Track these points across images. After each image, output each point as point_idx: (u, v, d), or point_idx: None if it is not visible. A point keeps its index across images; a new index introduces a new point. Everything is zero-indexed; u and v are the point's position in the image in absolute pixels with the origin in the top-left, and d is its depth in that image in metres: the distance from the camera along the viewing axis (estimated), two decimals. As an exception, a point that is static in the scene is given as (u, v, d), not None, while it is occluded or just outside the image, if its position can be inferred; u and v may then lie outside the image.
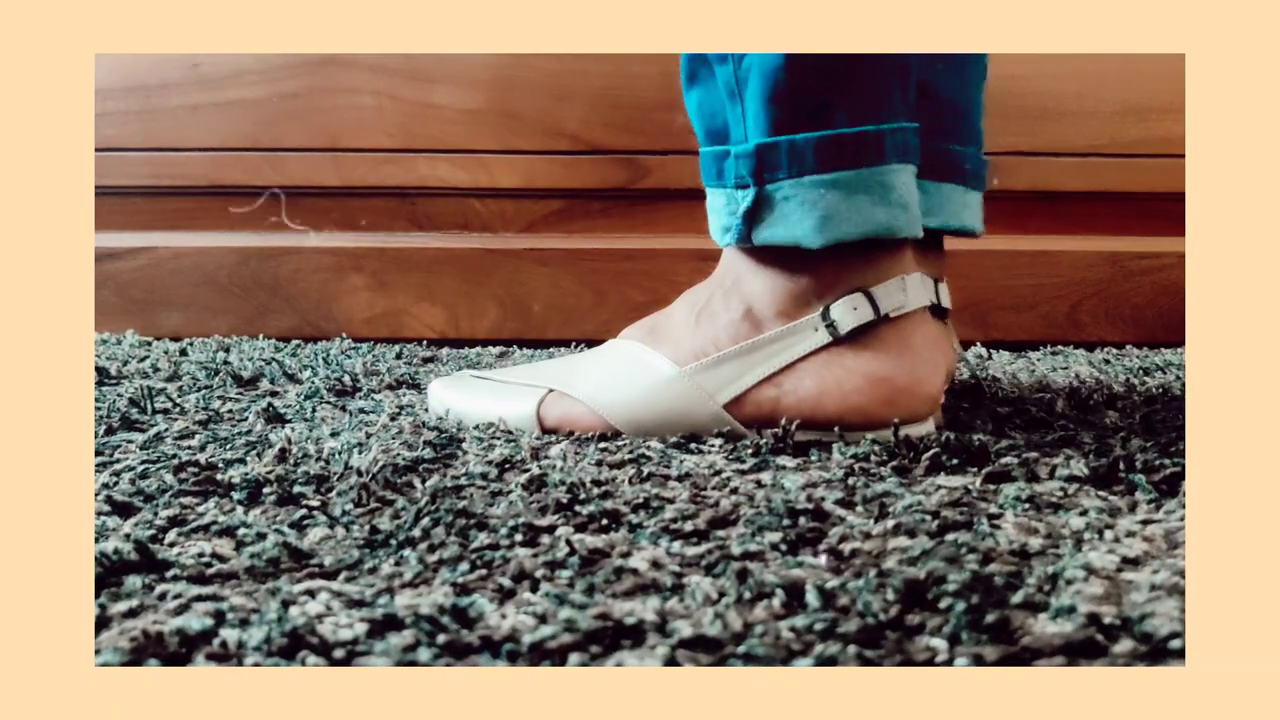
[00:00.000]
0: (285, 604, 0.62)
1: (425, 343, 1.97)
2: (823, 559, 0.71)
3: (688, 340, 1.08)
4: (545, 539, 0.75)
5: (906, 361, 1.06)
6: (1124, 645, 0.57)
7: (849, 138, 1.02)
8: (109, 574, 0.68)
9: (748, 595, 0.64)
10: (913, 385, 1.06)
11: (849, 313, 1.04)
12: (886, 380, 1.05)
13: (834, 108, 1.02)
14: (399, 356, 1.75)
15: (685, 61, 1.11)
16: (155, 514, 0.81)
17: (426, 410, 1.24)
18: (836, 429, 1.06)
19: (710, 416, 1.06)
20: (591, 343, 1.96)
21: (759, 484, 0.90)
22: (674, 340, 1.09)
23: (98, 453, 1.00)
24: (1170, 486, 0.89)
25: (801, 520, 0.79)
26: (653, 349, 1.09)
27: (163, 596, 0.64)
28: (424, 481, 0.90)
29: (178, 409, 1.24)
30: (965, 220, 1.23)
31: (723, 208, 1.08)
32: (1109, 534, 0.76)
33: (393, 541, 0.75)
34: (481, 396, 1.16)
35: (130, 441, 1.05)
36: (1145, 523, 0.79)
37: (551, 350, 1.86)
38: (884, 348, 1.05)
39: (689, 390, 1.06)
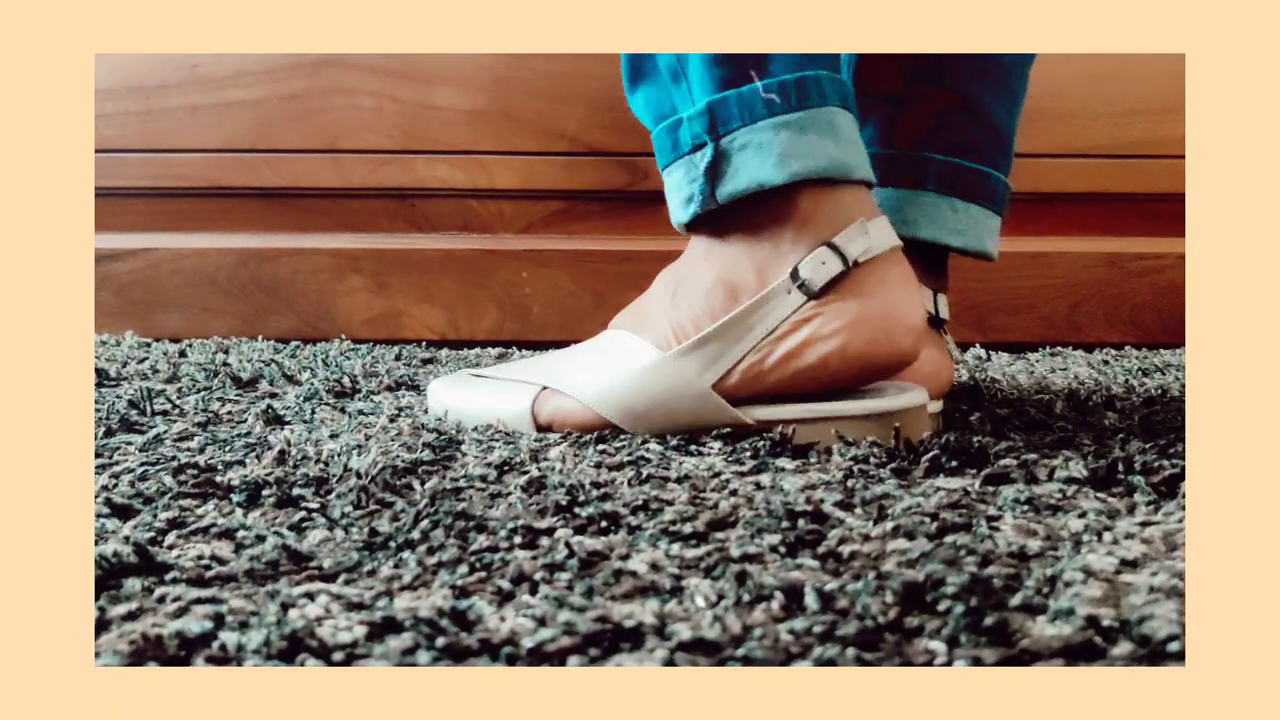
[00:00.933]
0: (284, 607, 0.62)
1: (424, 344, 1.98)
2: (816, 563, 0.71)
3: (666, 322, 1.08)
4: (544, 541, 0.75)
5: (880, 299, 1.05)
6: (1123, 648, 0.57)
7: (791, 82, 1.05)
8: (108, 576, 0.68)
9: (746, 598, 0.64)
10: (891, 319, 1.05)
11: (818, 268, 1.04)
12: (865, 320, 1.04)
13: (772, 59, 1.05)
14: (398, 358, 1.75)
15: (626, 64, 1.13)
16: (154, 516, 0.81)
17: (426, 412, 1.24)
18: (832, 412, 1.06)
19: (698, 398, 1.06)
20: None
21: (758, 486, 0.90)
22: (654, 324, 1.09)
23: (97, 455, 1.00)
24: (1169, 488, 0.89)
25: (800, 522, 0.79)
26: (637, 335, 1.09)
27: (162, 599, 0.64)
28: (423, 484, 0.90)
29: (177, 411, 1.24)
30: (986, 244, 1.25)
31: (683, 178, 1.09)
32: (1108, 536, 0.76)
33: (392, 544, 0.75)
34: (478, 396, 1.17)
35: (129, 443, 1.05)
36: (1144, 525, 0.79)
37: (550, 352, 1.86)
38: (858, 292, 1.05)
39: (671, 374, 1.06)
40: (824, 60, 1.08)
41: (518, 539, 0.75)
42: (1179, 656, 0.56)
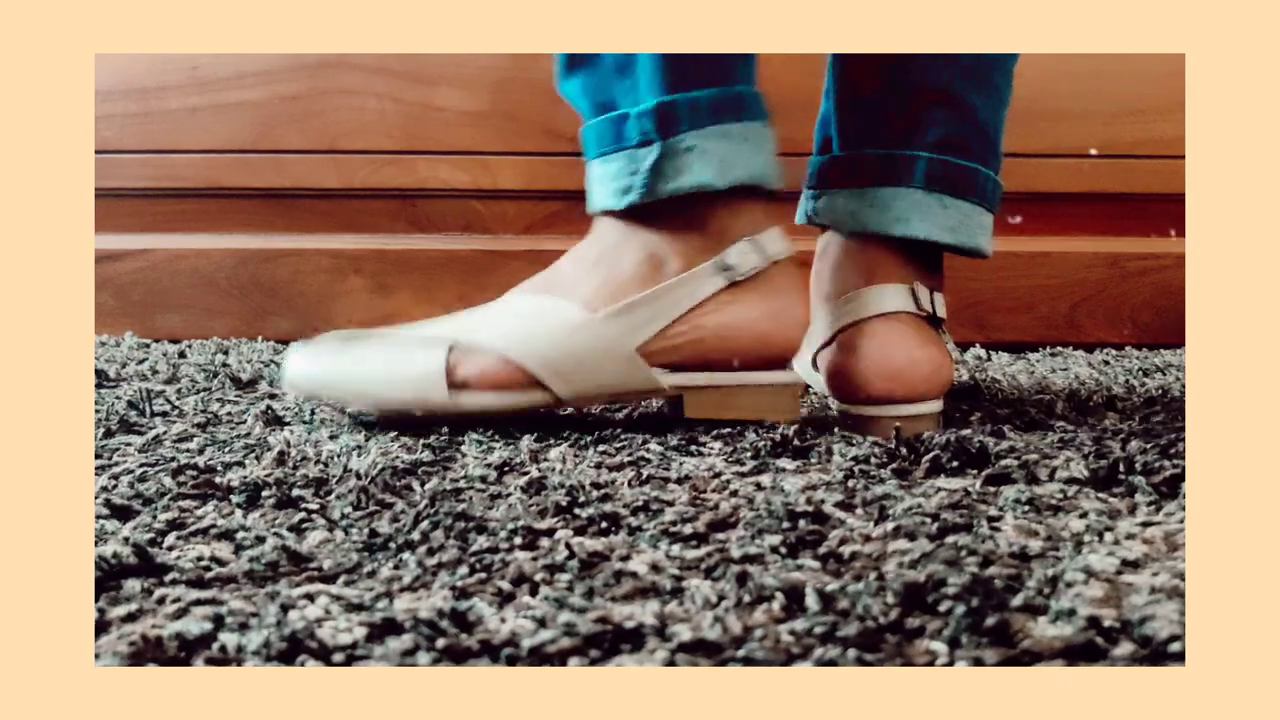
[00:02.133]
0: (284, 608, 0.62)
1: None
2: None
3: (589, 288, 1.15)
4: (544, 542, 0.75)
5: (785, 296, 1.18)
6: (1124, 648, 0.57)
7: (734, 95, 1.15)
8: (108, 578, 0.68)
9: (747, 599, 0.64)
10: (791, 315, 1.19)
11: (744, 257, 1.16)
12: (774, 312, 1.17)
13: (714, 71, 1.14)
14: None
15: (562, 55, 1.19)
16: (154, 517, 0.81)
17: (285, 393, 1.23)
18: (736, 363, 1.17)
19: (625, 359, 1.14)
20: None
21: (758, 486, 0.90)
22: (573, 290, 1.16)
23: (96, 456, 1.00)
24: (1170, 488, 0.89)
25: (801, 523, 0.79)
26: (555, 298, 1.15)
27: (161, 600, 0.64)
28: (423, 484, 0.90)
29: (176, 412, 1.24)
30: (979, 241, 1.28)
31: (621, 169, 1.16)
32: (1109, 536, 0.76)
33: (392, 545, 0.75)
34: (369, 358, 1.16)
35: (129, 444, 1.05)
36: (1145, 525, 0.79)
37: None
38: (773, 287, 1.18)
39: (601, 334, 1.13)
40: (752, 71, 1.18)
41: (518, 540, 0.75)
42: (1180, 657, 0.56)
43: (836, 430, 1.09)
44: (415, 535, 0.76)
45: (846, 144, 1.26)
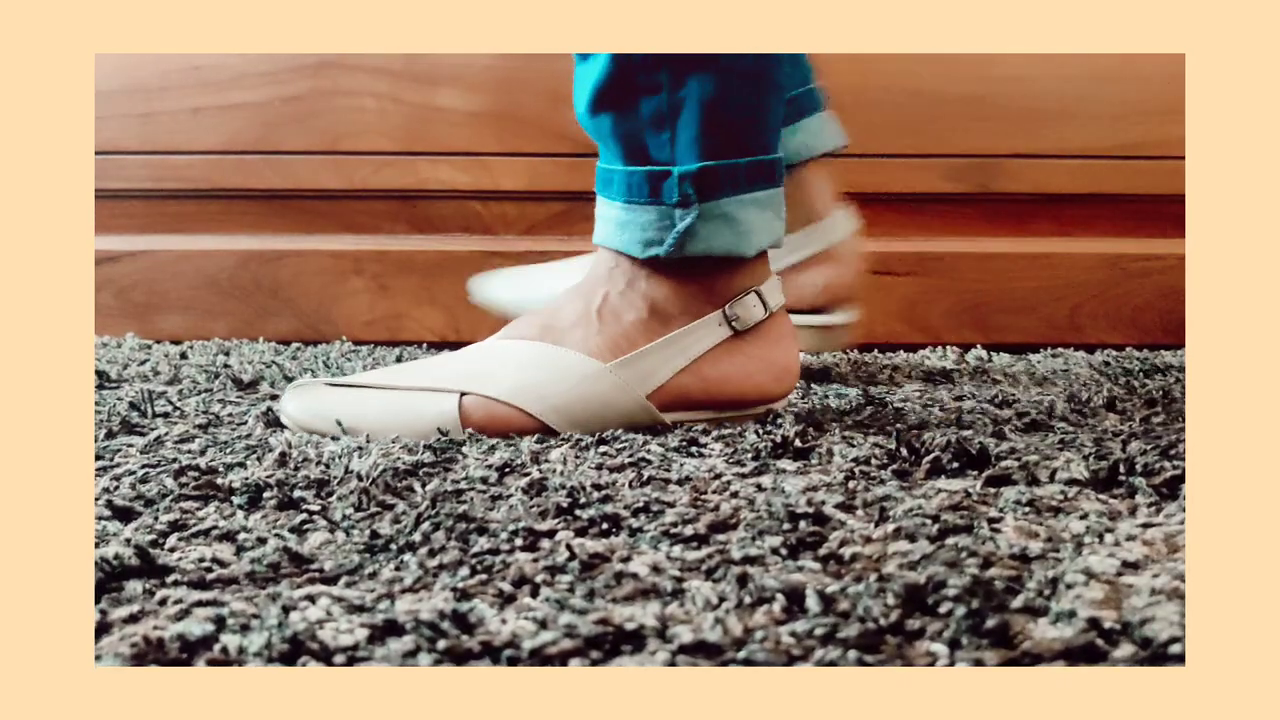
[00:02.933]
0: (286, 609, 0.62)
1: (426, 346, 1.97)
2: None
3: (596, 337, 1.18)
4: (545, 543, 0.76)
5: (785, 347, 1.23)
6: (1124, 650, 0.57)
7: (768, 163, 1.19)
8: (110, 579, 0.68)
9: (748, 600, 0.64)
10: (794, 365, 1.24)
11: (749, 309, 1.20)
12: (778, 362, 1.22)
13: (753, 137, 1.18)
14: (399, 360, 1.75)
15: (594, 89, 1.18)
16: (156, 518, 0.81)
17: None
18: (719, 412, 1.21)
19: (638, 406, 1.16)
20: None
21: (759, 488, 0.90)
22: (579, 338, 1.18)
23: (98, 457, 1.00)
24: (1170, 490, 0.89)
25: (802, 524, 0.79)
26: (562, 346, 1.17)
27: (163, 602, 0.64)
28: (424, 486, 0.90)
29: (178, 413, 1.24)
30: (836, 140, 1.53)
31: (650, 223, 1.17)
32: (1109, 538, 0.76)
33: (393, 546, 0.75)
34: (369, 409, 1.17)
35: (130, 445, 1.05)
36: (1145, 526, 0.79)
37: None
38: (770, 337, 1.22)
39: (616, 384, 1.15)
40: (778, 136, 1.22)
41: (519, 541, 0.75)
42: (1180, 659, 0.56)
43: (838, 431, 1.09)
44: (416, 536, 0.76)
45: None
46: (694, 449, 1.04)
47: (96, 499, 0.84)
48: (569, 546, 0.73)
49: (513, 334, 1.20)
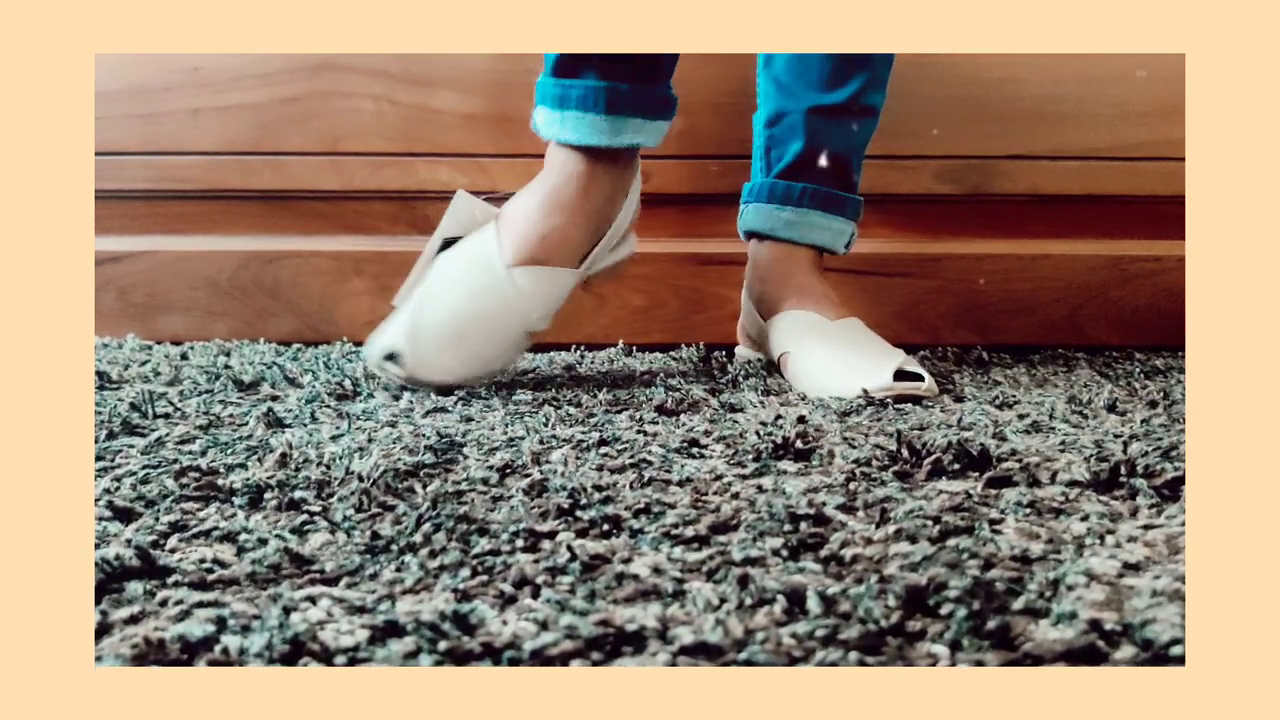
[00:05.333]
0: (287, 610, 0.62)
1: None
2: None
3: None
4: (546, 544, 0.75)
5: None
6: (1125, 651, 0.57)
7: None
8: (110, 580, 0.68)
9: (749, 601, 0.64)
10: None
11: None
12: None
13: None
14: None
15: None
16: (156, 519, 0.81)
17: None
18: None
19: None
20: (591, 347, 1.96)
21: (760, 489, 0.90)
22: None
23: (98, 458, 1.00)
24: (1171, 491, 0.89)
25: (803, 525, 0.79)
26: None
27: (164, 603, 0.64)
28: (425, 487, 0.90)
29: (179, 413, 1.24)
30: None
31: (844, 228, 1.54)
32: (1110, 539, 0.76)
33: (394, 547, 0.75)
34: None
35: (131, 446, 1.05)
36: (1146, 528, 0.79)
37: (551, 355, 1.86)
38: None
39: None
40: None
41: (520, 542, 0.75)
42: (1181, 660, 0.56)
43: (839, 432, 1.09)
44: (417, 538, 0.76)
45: None
46: (695, 450, 1.04)
47: (97, 500, 0.84)
48: (570, 548, 0.73)
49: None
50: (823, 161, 1.67)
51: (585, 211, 1.44)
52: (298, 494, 0.87)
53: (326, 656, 0.57)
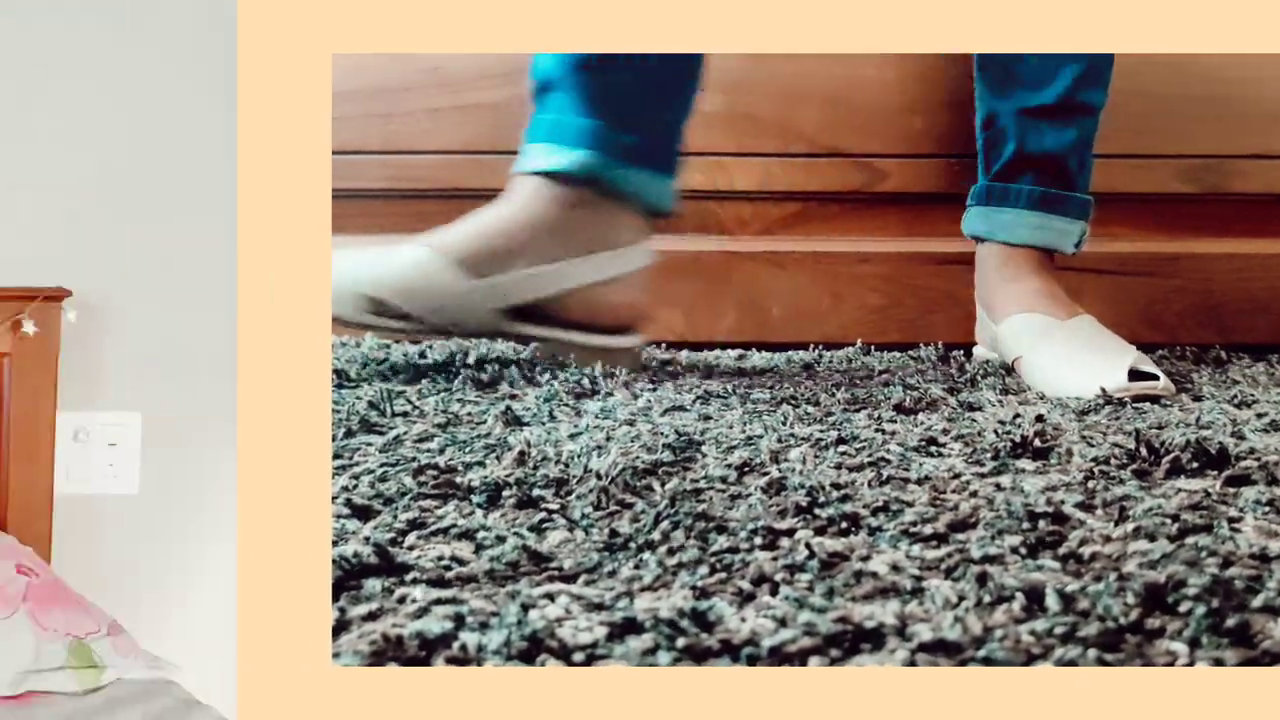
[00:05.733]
0: (525, 607, 0.63)
1: (664, 345, 1.95)
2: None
3: None
4: (785, 542, 0.76)
5: None
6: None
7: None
8: (348, 577, 0.69)
9: (987, 599, 0.64)
10: None
11: None
12: None
13: None
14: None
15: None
16: (395, 517, 0.82)
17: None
18: None
19: None
20: (828, 346, 1.94)
21: (998, 487, 0.90)
22: None
23: (337, 456, 1.01)
24: None
25: (1041, 523, 0.79)
26: None
27: (402, 600, 0.65)
28: (663, 484, 0.91)
29: (417, 412, 1.25)
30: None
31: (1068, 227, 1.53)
32: (1351, 538, 0.75)
33: (632, 544, 0.75)
34: None
35: (369, 444, 1.06)
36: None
37: (789, 354, 1.85)
38: None
39: None
40: None
41: (758, 540, 0.76)
42: None
43: (1077, 431, 1.09)
44: (655, 535, 0.76)
45: None
46: (933, 448, 1.04)
47: (335, 498, 0.85)
48: (808, 545, 0.73)
49: None
50: (1036, 162, 1.66)
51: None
52: (536, 492, 0.88)
53: (564, 653, 0.58)
